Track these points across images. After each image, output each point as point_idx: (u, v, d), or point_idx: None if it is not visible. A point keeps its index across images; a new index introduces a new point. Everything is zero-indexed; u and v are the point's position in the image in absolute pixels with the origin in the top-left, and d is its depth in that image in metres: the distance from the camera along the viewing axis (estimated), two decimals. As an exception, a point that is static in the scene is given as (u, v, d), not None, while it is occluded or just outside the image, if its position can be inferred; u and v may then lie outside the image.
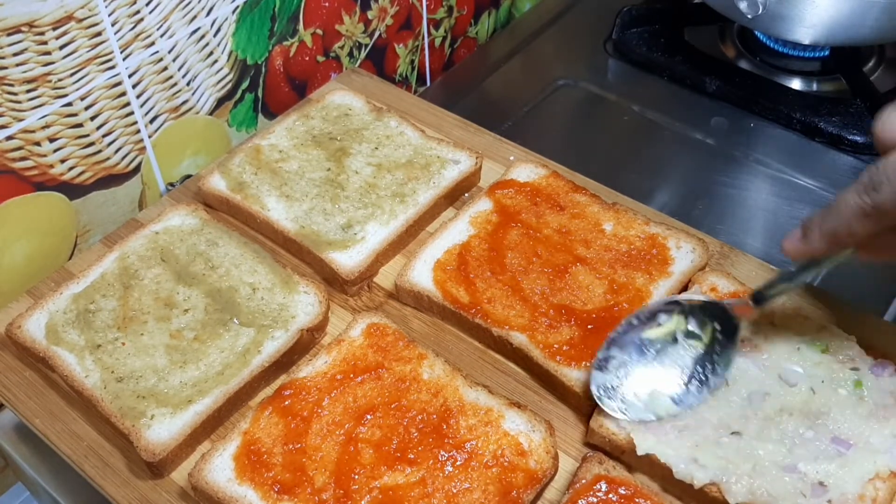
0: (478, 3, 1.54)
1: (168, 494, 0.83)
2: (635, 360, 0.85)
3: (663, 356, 0.85)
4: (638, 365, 0.85)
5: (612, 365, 0.84)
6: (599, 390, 0.83)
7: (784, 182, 1.23)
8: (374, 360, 0.88)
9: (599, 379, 0.84)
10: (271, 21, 1.18)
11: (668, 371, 0.84)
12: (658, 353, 0.85)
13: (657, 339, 0.85)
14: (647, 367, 0.85)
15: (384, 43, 1.38)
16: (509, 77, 1.43)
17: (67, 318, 0.93)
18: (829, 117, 1.27)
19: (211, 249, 0.99)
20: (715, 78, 1.34)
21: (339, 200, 1.04)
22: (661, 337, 0.86)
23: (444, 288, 0.96)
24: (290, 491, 0.79)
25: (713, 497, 0.78)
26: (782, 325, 0.89)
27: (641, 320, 0.86)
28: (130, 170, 1.10)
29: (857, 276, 1.10)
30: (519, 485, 0.79)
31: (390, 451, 0.81)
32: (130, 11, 1.00)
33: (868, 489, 0.76)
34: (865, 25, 1.20)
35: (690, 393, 0.83)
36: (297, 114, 1.16)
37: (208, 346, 0.90)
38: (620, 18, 1.44)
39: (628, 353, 0.85)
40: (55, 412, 0.89)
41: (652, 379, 0.84)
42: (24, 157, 0.97)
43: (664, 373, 0.84)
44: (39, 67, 0.94)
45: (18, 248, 1.01)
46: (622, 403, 0.83)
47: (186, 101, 1.13)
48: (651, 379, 0.84)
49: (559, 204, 1.03)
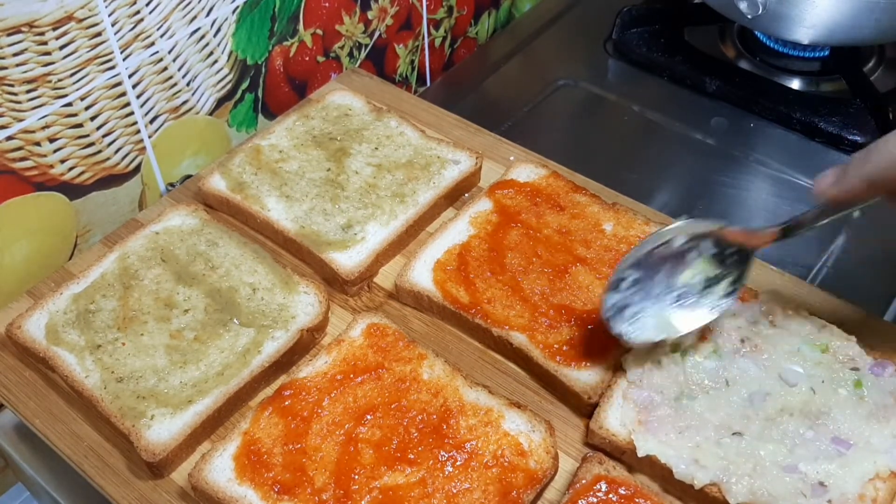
0: (478, 3, 1.54)
1: (168, 494, 0.83)
2: (647, 280, 0.84)
3: (675, 277, 0.84)
4: (650, 285, 0.84)
5: (624, 286, 0.84)
6: (608, 312, 0.83)
7: (784, 182, 1.23)
8: (374, 361, 0.88)
9: (610, 300, 0.83)
10: (271, 21, 1.18)
11: (679, 292, 0.84)
12: (670, 274, 0.84)
13: (670, 259, 0.84)
14: (659, 287, 0.84)
15: (384, 43, 1.38)
16: (509, 77, 1.43)
17: (67, 319, 0.93)
18: (829, 117, 1.27)
19: (211, 249, 0.99)
20: (715, 78, 1.34)
21: (339, 200, 1.04)
22: (674, 258, 0.85)
23: (444, 288, 0.96)
24: (290, 491, 0.79)
25: (714, 497, 0.78)
26: (782, 326, 0.89)
27: (655, 243, 0.85)
28: (130, 170, 1.10)
29: (857, 276, 1.10)
30: (519, 485, 0.79)
31: (390, 451, 0.81)
32: (130, 11, 1.00)
33: (868, 489, 0.76)
34: (865, 25, 1.20)
35: (697, 315, 0.83)
36: (297, 114, 1.16)
37: (208, 347, 0.90)
38: (620, 18, 1.44)
39: (641, 273, 0.84)
40: (55, 412, 0.89)
41: (663, 299, 0.84)
42: (24, 157, 0.97)
43: (675, 293, 0.84)
44: (39, 67, 0.94)
45: (18, 248, 1.01)
46: (629, 326, 0.83)
47: (186, 102, 1.13)
48: (662, 299, 0.84)
49: (559, 204, 1.03)
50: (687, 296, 0.85)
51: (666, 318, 0.84)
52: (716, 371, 0.85)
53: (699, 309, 0.84)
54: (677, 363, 0.86)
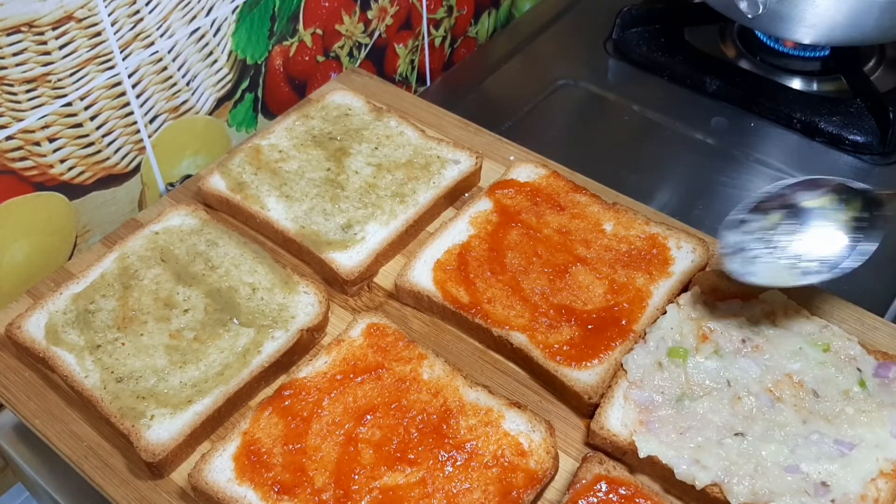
0: (478, 3, 1.54)
1: (168, 495, 0.83)
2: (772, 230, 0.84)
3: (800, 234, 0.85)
4: (773, 235, 0.85)
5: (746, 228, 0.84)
6: (727, 249, 0.84)
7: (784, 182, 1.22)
8: (374, 361, 0.88)
9: (731, 237, 0.84)
10: (271, 21, 1.18)
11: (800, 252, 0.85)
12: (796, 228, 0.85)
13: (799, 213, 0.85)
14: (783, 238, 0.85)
15: (384, 43, 1.38)
16: (509, 77, 1.43)
17: (67, 319, 0.93)
18: (829, 117, 1.27)
19: (211, 249, 0.99)
20: (715, 78, 1.34)
21: (339, 200, 1.04)
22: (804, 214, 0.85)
23: (444, 288, 0.95)
24: (289, 491, 0.79)
25: (715, 497, 0.78)
26: (784, 326, 0.89)
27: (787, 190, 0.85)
28: (130, 170, 1.10)
29: (857, 276, 1.09)
30: (519, 485, 0.79)
31: (390, 451, 0.81)
32: (130, 11, 1.00)
33: (870, 489, 0.76)
34: (865, 25, 1.20)
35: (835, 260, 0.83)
36: (296, 114, 1.16)
37: (208, 347, 0.90)
38: (620, 18, 1.44)
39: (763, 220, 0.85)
40: (55, 412, 0.89)
41: (783, 251, 0.85)
42: (24, 157, 0.97)
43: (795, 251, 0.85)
44: (39, 67, 0.94)
45: (18, 248, 1.01)
46: (743, 268, 0.84)
47: (186, 101, 1.12)
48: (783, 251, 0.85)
49: (559, 204, 1.03)
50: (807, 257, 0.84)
51: (780, 270, 0.84)
52: (717, 371, 0.85)
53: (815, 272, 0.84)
54: (678, 364, 0.86)
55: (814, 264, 0.85)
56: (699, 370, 0.85)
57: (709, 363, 0.86)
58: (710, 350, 0.86)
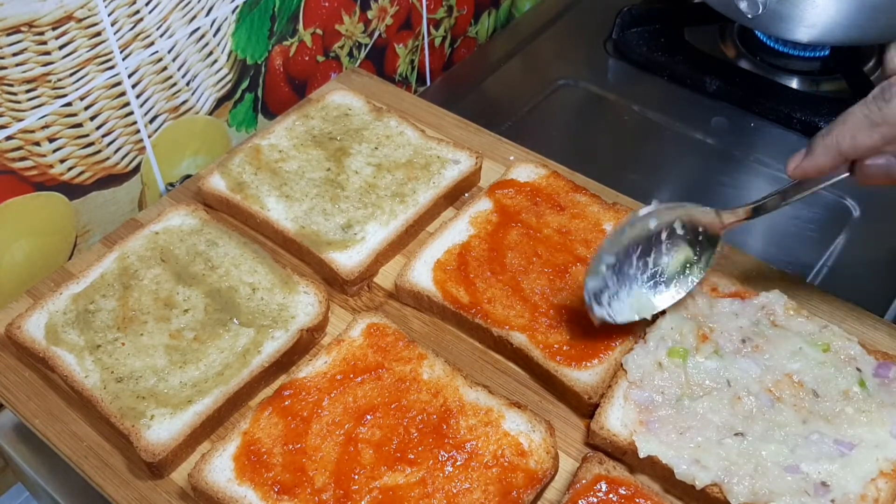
0: (478, 3, 1.54)
1: (168, 495, 0.83)
2: (623, 263, 0.87)
3: (649, 258, 0.88)
4: (626, 267, 0.87)
5: (602, 270, 0.86)
6: (590, 297, 0.86)
7: (784, 182, 1.22)
8: (374, 361, 0.88)
9: (591, 285, 0.86)
10: (271, 21, 1.18)
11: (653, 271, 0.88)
12: (644, 255, 0.88)
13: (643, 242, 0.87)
14: (634, 268, 0.88)
15: (384, 43, 1.38)
16: (509, 77, 1.43)
17: (67, 319, 0.93)
18: (830, 117, 1.26)
19: (211, 249, 0.99)
20: (715, 78, 1.34)
21: (338, 200, 1.04)
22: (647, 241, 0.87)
23: (444, 288, 0.95)
24: (290, 491, 0.79)
25: (715, 497, 0.78)
26: (784, 326, 0.88)
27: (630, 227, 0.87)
28: (130, 170, 1.10)
29: (857, 276, 1.10)
30: (519, 485, 0.79)
31: (390, 451, 0.81)
32: (130, 11, 1.00)
33: (870, 489, 0.76)
34: (865, 25, 1.20)
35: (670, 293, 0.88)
36: (296, 114, 1.16)
37: (208, 347, 0.90)
38: (620, 18, 1.44)
39: (616, 257, 0.86)
40: (55, 412, 0.89)
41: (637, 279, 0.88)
42: (24, 157, 0.97)
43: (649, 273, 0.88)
44: (39, 67, 0.94)
45: (18, 248, 1.01)
46: (608, 309, 0.86)
47: (186, 101, 1.12)
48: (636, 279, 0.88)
49: (559, 204, 1.03)
50: (661, 275, 0.89)
51: (643, 298, 0.88)
52: (717, 371, 0.85)
53: (673, 287, 0.89)
54: (678, 364, 0.85)
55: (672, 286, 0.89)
56: (699, 370, 0.85)
57: (709, 363, 0.85)
58: (710, 350, 0.86)
